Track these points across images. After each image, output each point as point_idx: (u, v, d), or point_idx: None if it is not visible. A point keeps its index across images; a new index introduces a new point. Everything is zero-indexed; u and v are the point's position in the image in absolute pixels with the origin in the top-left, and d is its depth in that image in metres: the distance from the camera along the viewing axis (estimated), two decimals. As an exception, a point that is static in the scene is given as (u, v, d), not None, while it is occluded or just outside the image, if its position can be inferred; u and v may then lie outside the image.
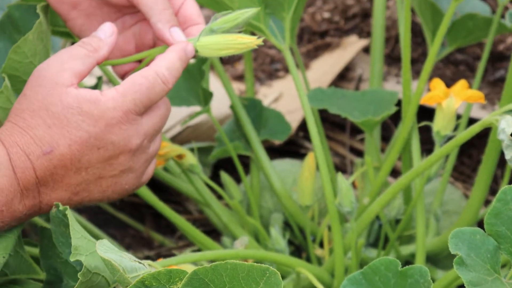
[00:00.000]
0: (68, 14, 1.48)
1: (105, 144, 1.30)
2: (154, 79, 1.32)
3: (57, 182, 1.30)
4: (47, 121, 1.29)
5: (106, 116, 1.29)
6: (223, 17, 1.40)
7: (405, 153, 1.82)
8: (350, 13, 2.65)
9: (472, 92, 1.63)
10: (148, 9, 1.42)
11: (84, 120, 1.29)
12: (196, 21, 1.47)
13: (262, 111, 1.94)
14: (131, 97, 1.31)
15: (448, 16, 1.63)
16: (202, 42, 1.39)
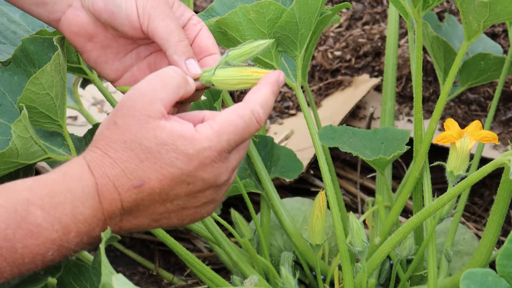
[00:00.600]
0: (84, 46, 1.48)
1: (195, 180, 1.30)
2: (249, 120, 1.31)
3: (142, 211, 1.30)
4: (140, 155, 1.28)
5: (200, 156, 1.29)
6: (238, 50, 1.40)
7: (417, 192, 1.81)
8: (362, 51, 2.65)
9: (486, 133, 1.62)
10: (163, 41, 1.42)
11: (178, 158, 1.28)
12: (211, 51, 1.48)
13: (273, 148, 1.93)
14: (226, 137, 1.30)
15: (460, 56, 1.63)
16: (218, 76, 1.39)
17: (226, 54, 1.39)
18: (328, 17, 1.79)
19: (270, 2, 1.69)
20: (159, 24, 1.42)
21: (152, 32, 1.43)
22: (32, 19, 1.82)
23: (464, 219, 2.33)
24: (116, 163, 1.28)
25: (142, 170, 1.28)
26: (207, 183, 1.31)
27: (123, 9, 1.42)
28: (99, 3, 1.43)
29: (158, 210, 1.31)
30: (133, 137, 1.28)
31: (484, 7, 1.51)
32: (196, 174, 1.29)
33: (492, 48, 2.10)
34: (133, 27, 1.43)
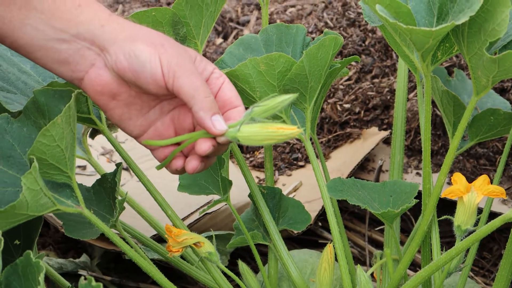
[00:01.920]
0: (108, 104, 1.49)
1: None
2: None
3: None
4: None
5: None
6: (263, 107, 1.40)
7: (425, 246, 1.81)
8: (371, 104, 2.66)
9: (493, 187, 1.62)
10: (189, 98, 1.43)
11: None
12: (235, 104, 1.49)
13: (281, 200, 1.93)
14: None
15: (469, 110, 1.64)
16: (244, 133, 1.40)
17: (251, 109, 1.40)
18: (337, 70, 1.80)
19: (280, 55, 1.71)
20: (185, 81, 1.43)
21: (177, 90, 1.44)
22: (43, 70, 1.84)
23: (472, 273, 2.32)
24: None
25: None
26: None
27: (148, 68, 1.43)
28: (123, 63, 1.44)
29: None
30: None
31: (493, 63, 1.52)
32: None
33: (501, 104, 2.10)
34: (158, 85, 1.44)
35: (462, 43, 1.58)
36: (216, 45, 3.09)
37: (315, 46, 1.69)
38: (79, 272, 2.24)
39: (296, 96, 1.40)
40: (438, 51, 1.73)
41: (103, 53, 1.45)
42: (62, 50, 1.45)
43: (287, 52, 1.88)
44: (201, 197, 2.20)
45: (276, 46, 1.90)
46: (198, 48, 1.81)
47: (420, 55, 1.63)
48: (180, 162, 1.51)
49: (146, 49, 1.43)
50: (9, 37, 1.45)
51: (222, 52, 2.96)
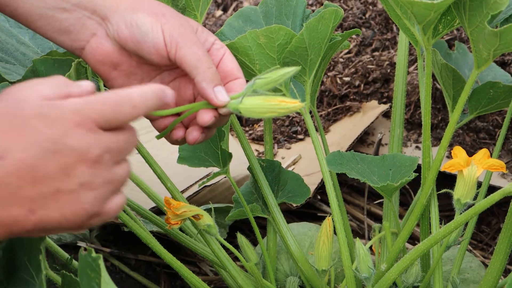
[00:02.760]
0: (109, 74, 1.48)
1: (61, 148, 1.19)
2: (124, 99, 1.23)
3: (12, 194, 1.19)
4: (5, 125, 1.19)
5: (64, 118, 1.20)
6: (265, 79, 1.40)
7: (424, 219, 1.81)
8: (371, 77, 2.65)
9: (493, 161, 1.62)
10: (192, 68, 1.42)
11: (41, 121, 1.19)
12: (236, 76, 1.48)
13: (280, 173, 1.93)
14: (95, 106, 1.21)
15: (469, 84, 1.64)
16: (245, 105, 1.39)
17: (253, 81, 1.39)
18: (337, 43, 1.80)
19: (280, 27, 1.70)
20: (187, 51, 1.42)
21: (179, 60, 1.43)
22: (41, 42, 1.83)
23: (471, 247, 2.32)
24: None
25: (6, 140, 1.18)
26: (75, 154, 1.20)
27: (150, 38, 1.42)
28: (124, 32, 1.43)
29: (30, 193, 1.20)
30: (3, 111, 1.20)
31: (494, 36, 1.51)
32: (60, 140, 1.19)
33: (502, 77, 2.10)
34: (160, 55, 1.44)
35: (463, 16, 1.57)
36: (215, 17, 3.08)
37: (315, 18, 1.69)
38: (78, 243, 2.24)
39: (298, 69, 1.39)
40: (440, 24, 1.73)
41: (105, 22, 1.45)
42: (62, 19, 1.45)
43: (287, 25, 1.87)
44: (200, 170, 2.20)
45: (276, 18, 1.89)
46: (198, 20, 1.81)
47: (421, 28, 1.62)
48: (181, 133, 1.50)
49: (148, 18, 1.42)
50: (9, 5, 1.44)
51: (221, 25, 2.95)
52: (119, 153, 1.26)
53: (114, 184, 1.26)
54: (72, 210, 1.22)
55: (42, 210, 1.20)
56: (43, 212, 1.21)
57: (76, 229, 1.25)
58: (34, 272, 1.42)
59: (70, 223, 1.23)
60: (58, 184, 1.20)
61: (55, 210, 1.21)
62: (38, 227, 1.22)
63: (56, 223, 1.22)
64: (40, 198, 1.20)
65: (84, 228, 1.25)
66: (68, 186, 1.21)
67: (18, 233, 1.21)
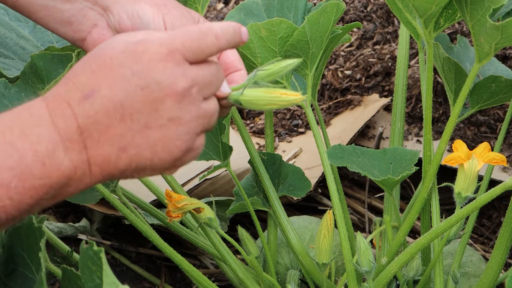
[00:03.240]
0: None
1: (148, 83, 1.19)
2: (207, 30, 1.24)
3: (102, 133, 1.18)
4: (93, 66, 1.19)
5: (150, 51, 1.19)
6: (267, 71, 1.39)
7: (425, 213, 1.81)
8: (372, 71, 2.65)
9: (494, 155, 1.62)
10: None
11: (127, 57, 1.19)
12: (237, 67, 1.47)
13: (281, 166, 1.93)
14: (180, 39, 1.22)
15: (471, 77, 1.63)
16: (246, 96, 1.38)
17: (255, 73, 1.39)
18: (339, 36, 1.79)
19: (281, 20, 1.70)
20: None
21: None
22: (41, 35, 1.83)
23: (471, 240, 2.32)
24: (68, 80, 1.20)
25: (94, 79, 1.19)
26: (162, 88, 1.19)
27: (151, 28, 1.42)
28: (126, 23, 1.43)
29: (119, 130, 1.19)
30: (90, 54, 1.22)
31: (496, 30, 1.51)
32: (148, 74, 1.19)
33: (503, 72, 2.10)
34: None
35: (465, 9, 1.57)
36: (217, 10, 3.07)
37: (317, 12, 1.69)
38: (79, 236, 2.25)
39: (300, 61, 1.39)
40: (441, 18, 1.72)
41: (106, 13, 1.44)
42: (64, 9, 1.45)
43: (289, 18, 1.87)
44: (201, 162, 2.20)
45: (277, 11, 1.88)
46: (199, 13, 1.80)
47: (423, 22, 1.62)
48: None
49: (150, 9, 1.42)
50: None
51: (223, 18, 2.94)
52: (206, 87, 1.25)
53: (203, 119, 1.25)
54: (163, 147, 1.21)
55: (133, 148, 1.20)
56: (134, 150, 1.20)
57: (169, 169, 1.25)
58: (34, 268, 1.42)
59: (162, 161, 1.22)
60: (147, 119, 1.20)
61: (146, 147, 1.21)
62: (131, 166, 1.21)
63: (149, 160, 1.21)
64: (130, 135, 1.20)
65: (177, 166, 1.25)
66: (157, 122, 1.20)
67: (113, 174, 1.21)
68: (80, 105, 1.18)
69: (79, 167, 1.19)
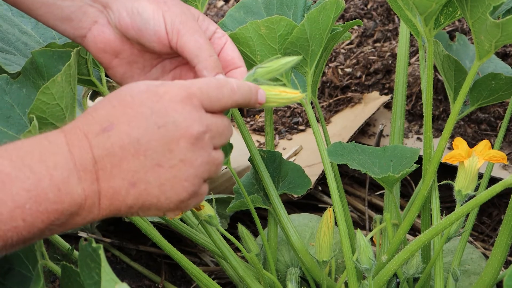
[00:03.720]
0: (110, 62, 1.48)
1: (166, 122, 1.22)
2: (224, 82, 1.29)
3: (115, 165, 1.21)
4: (113, 102, 1.23)
5: (170, 93, 1.23)
6: (266, 68, 1.39)
7: (425, 210, 1.81)
8: (372, 68, 2.65)
9: (494, 152, 1.62)
10: (193, 56, 1.42)
11: (148, 97, 1.23)
12: (237, 65, 1.48)
13: (281, 164, 1.93)
14: (199, 85, 1.26)
15: (471, 75, 1.63)
16: None
17: (254, 70, 1.39)
18: (339, 34, 1.79)
19: (281, 18, 1.70)
20: (189, 39, 1.42)
21: (181, 48, 1.43)
22: (43, 31, 1.83)
23: (472, 238, 2.32)
24: (88, 113, 1.24)
25: (113, 114, 1.22)
26: (179, 129, 1.23)
27: (151, 26, 1.42)
28: (126, 20, 1.43)
29: (132, 165, 1.22)
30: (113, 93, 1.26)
31: (496, 28, 1.51)
32: (166, 113, 1.22)
33: (503, 69, 2.09)
34: (161, 43, 1.43)
35: (465, 7, 1.56)
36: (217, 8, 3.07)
37: (316, 9, 1.68)
38: (79, 234, 2.25)
39: (299, 59, 1.39)
40: (441, 15, 1.72)
41: (106, 10, 1.45)
42: (64, 6, 1.45)
43: (288, 16, 1.87)
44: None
45: (277, 9, 1.88)
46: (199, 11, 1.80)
47: (423, 19, 1.62)
48: None
49: (149, 6, 1.42)
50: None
51: (223, 15, 2.94)
52: (218, 136, 1.28)
53: (210, 166, 1.28)
54: (171, 187, 1.24)
55: (143, 184, 1.23)
56: (144, 186, 1.23)
57: (174, 210, 1.27)
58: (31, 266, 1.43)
59: (168, 201, 1.25)
60: (159, 158, 1.23)
61: (155, 185, 1.23)
62: (138, 202, 1.24)
63: (156, 198, 1.24)
64: (142, 171, 1.22)
65: (181, 209, 1.27)
66: (169, 161, 1.23)
67: (120, 209, 1.24)
68: (97, 137, 1.21)
69: (90, 197, 1.22)
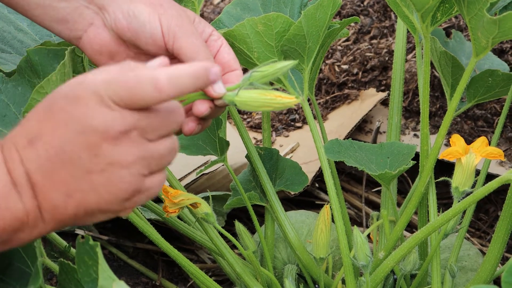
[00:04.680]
0: (106, 64, 1.47)
1: (85, 128, 1.18)
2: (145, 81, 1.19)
3: (46, 178, 1.19)
4: (40, 111, 1.20)
5: (86, 97, 1.18)
6: (262, 72, 1.39)
7: (422, 207, 1.81)
8: (369, 65, 2.65)
9: (491, 149, 1.62)
10: (190, 59, 1.42)
11: (67, 102, 1.18)
12: (233, 67, 1.47)
13: (278, 161, 1.93)
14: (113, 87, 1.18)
15: (468, 72, 1.63)
16: (241, 97, 1.38)
17: (250, 74, 1.38)
18: (336, 31, 1.79)
19: (278, 15, 1.70)
20: (185, 42, 1.42)
21: (177, 51, 1.42)
22: (40, 28, 1.83)
23: (468, 234, 2.32)
24: (20, 123, 1.21)
25: (39, 123, 1.19)
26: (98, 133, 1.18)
27: (147, 28, 1.42)
28: (122, 22, 1.42)
29: (63, 176, 1.19)
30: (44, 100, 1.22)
31: (493, 24, 1.51)
32: (84, 119, 1.18)
33: (499, 66, 2.10)
34: (157, 46, 1.43)
35: (462, 3, 1.56)
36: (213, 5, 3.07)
37: (313, 6, 1.68)
38: (76, 231, 2.24)
39: (296, 63, 1.39)
40: (438, 12, 1.72)
41: (102, 12, 1.44)
42: (60, 8, 1.44)
43: (285, 12, 1.87)
44: (198, 157, 2.20)
45: (274, 6, 1.88)
46: (196, 8, 1.80)
47: (420, 16, 1.61)
48: None
49: (145, 9, 1.42)
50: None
51: (219, 12, 2.94)
52: (151, 130, 1.23)
53: (149, 160, 1.23)
54: (107, 191, 1.21)
55: (78, 193, 1.20)
56: (79, 195, 1.20)
57: (121, 210, 1.24)
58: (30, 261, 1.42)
59: (110, 204, 1.22)
60: (87, 164, 1.19)
61: (91, 192, 1.20)
62: (79, 211, 1.21)
63: (95, 204, 1.21)
64: (73, 181, 1.19)
65: (128, 207, 1.24)
66: (97, 166, 1.20)
67: (64, 220, 1.21)
68: (25, 150, 1.19)
69: (32, 211, 1.20)
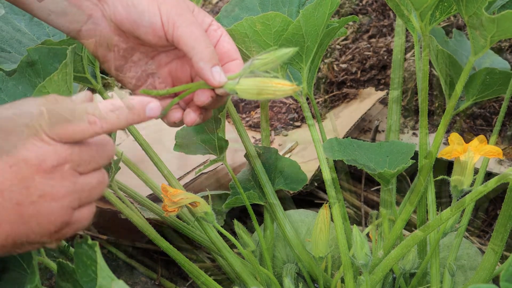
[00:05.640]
0: (105, 56, 1.47)
1: (17, 160, 1.18)
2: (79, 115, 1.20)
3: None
4: None
5: (17, 130, 1.17)
6: (263, 60, 1.39)
7: (421, 206, 1.81)
8: (368, 64, 2.65)
9: (490, 148, 1.62)
10: (189, 48, 1.41)
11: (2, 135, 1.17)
12: (233, 57, 1.47)
13: (277, 160, 1.93)
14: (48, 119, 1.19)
15: (466, 70, 1.63)
16: (242, 85, 1.38)
17: (251, 62, 1.38)
18: (334, 30, 1.79)
19: (276, 14, 1.70)
20: (185, 31, 1.41)
21: (177, 40, 1.42)
22: (37, 28, 1.83)
23: (467, 233, 2.32)
24: None
25: None
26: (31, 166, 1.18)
27: (146, 18, 1.41)
28: (121, 13, 1.42)
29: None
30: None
31: (491, 23, 1.51)
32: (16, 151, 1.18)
33: (499, 64, 2.09)
34: (157, 35, 1.43)
35: (460, 2, 1.56)
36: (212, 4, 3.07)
37: (312, 5, 1.68)
38: (75, 231, 2.24)
39: (296, 50, 1.38)
40: (437, 11, 1.72)
41: (101, 3, 1.44)
42: (59, 0, 1.44)
43: (283, 12, 1.86)
44: (198, 156, 2.20)
45: (272, 5, 1.88)
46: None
47: (419, 15, 1.61)
48: (178, 114, 1.49)
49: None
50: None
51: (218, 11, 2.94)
52: (83, 163, 1.23)
53: (80, 193, 1.23)
54: (37, 223, 1.20)
55: (7, 225, 1.19)
56: (8, 226, 1.19)
57: (49, 243, 1.24)
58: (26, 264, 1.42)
59: (39, 236, 1.21)
60: (17, 196, 1.19)
61: (20, 224, 1.19)
62: (8, 242, 1.20)
63: (25, 236, 1.21)
64: (2, 212, 1.18)
65: (58, 240, 1.23)
66: (28, 198, 1.19)
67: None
68: None
69: None
